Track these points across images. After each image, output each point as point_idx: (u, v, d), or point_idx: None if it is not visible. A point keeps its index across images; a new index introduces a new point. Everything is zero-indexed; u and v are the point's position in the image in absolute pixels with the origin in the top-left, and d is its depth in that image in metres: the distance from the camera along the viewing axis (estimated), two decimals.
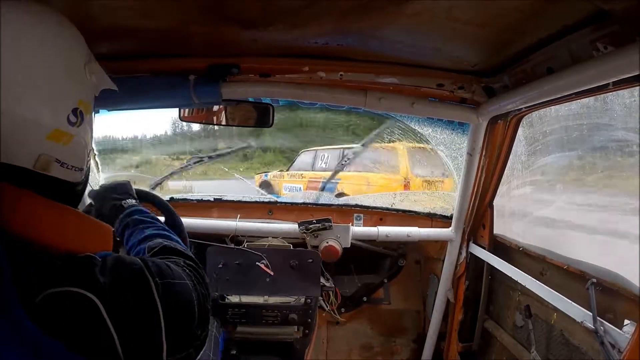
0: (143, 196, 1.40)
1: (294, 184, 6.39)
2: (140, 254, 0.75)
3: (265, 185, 6.89)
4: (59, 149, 0.57)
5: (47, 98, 0.55)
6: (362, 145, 3.92)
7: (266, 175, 7.20)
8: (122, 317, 0.52)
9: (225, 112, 1.37)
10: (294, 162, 7.04)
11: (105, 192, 0.94)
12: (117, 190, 0.94)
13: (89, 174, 0.68)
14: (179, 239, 0.81)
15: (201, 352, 0.66)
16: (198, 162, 2.53)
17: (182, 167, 2.52)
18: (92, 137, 0.65)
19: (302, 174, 6.42)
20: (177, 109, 1.36)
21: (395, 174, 5.33)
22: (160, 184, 2.26)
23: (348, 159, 4.98)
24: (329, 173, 5.51)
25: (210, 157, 2.67)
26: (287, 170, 6.94)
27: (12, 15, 0.54)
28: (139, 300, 0.55)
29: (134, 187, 1.04)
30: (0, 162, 0.52)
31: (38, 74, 0.54)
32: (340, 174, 5.40)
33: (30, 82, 0.53)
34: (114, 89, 0.69)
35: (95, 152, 1.69)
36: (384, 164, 5.55)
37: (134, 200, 0.92)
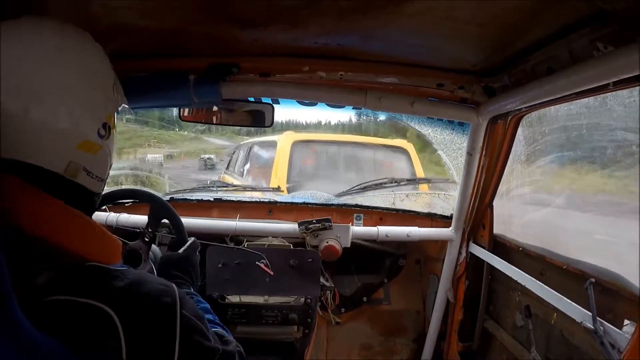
0: (140, 195, 1.41)
1: None
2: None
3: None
4: (88, 159, 0.61)
5: (84, 110, 0.61)
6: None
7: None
8: (137, 339, 0.53)
9: (225, 112, 1.37)
10: (230, 159, 5.07)
11: (184, 261, 1.03)
12: (192, 270, 1.03)
13: (105, 186, 0.71)
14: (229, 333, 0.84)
15: None
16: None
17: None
18: (114, 151, 0.70)
19: (225, 178, 4.57)
20: (177, 109, 1.36)
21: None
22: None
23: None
24: (236, 180, 3.87)
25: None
26: (227, 169, 4.96)
27: (57, 36, 0.61)
28: (158, 328, 0.57)
29: (134, 187, 1.06)
30: (31, 164, 0.56)
31: (79, 88, 0.61)
32: (237, 181, 3.75)
33: (71, 94, 0.59)
34: (127, 106, 0.74)
35: None
36: (261, 170, 3.59)
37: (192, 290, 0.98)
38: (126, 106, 0.76)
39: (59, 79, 0.58)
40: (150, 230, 1.18)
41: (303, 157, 3.16)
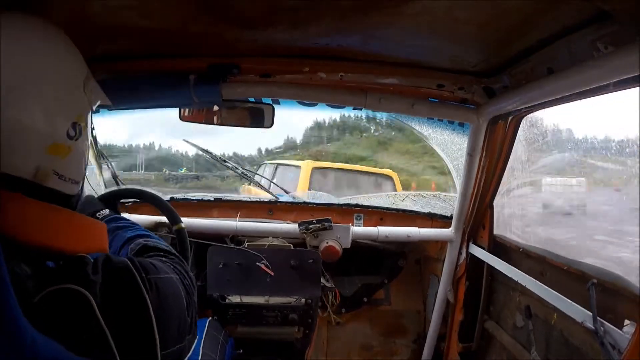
0: (138, 194, 1.41)
1: None
2: (124, 256, 0.76)
3: None
4: (57, 162, 0.58)
5: (49, 111, 0.57)
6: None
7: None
8: (113, 313, 0.53)
9: (225, 113, 1.37)
10: (254, 175, 6.61)
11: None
12: (86, 206, 0.96)
13: (84, 186, 0.69)
14: (159, 239, 0.82)
15: (193, 349, 0.67)
16: None
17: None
18: (88, 151, 0.67)
19: (250, 189, 5.94)
20: (177, 109, 1.36)
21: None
22: None
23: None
24: (264, 192, 5.22)
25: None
26: (249, 184, 6.62)
27: (20, 30, 0.57)
28: (128, 297, 0.56)
29: (142, 188, 1.05)
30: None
31: (42, 88, 0.57)
32: (265, 193, 5.06)
33: (35, 94, 0.55)
34: (108, 104, 0.72)
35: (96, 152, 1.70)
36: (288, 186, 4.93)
37: (107, 210, 0.95)
38: (109, 104, 0.73)
39: (26, 76, 0.55)
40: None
41: (318, 179, 4.68)
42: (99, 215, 0.92)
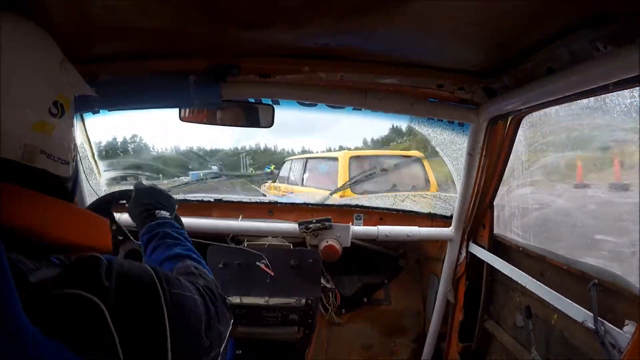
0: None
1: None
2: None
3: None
4: (43, 139, 0.59)
5: (29, 91, 0.59)
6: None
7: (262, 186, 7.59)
8: (126, 323, 0.51)
9: (225, 113, 1.37)
10: (279, 171, 7.06)
11: (149, 191, 0.96)
12: (158, 197, 0.96)
13: (77, 173, 0.69)
14: (207, 268, 0.81)
15: None
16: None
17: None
18: (75, 133, 0.68)
19: (279, 187, 6.53)
20: (176, 109, 1.36)
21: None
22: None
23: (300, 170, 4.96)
24: (296, 187, 5.73)
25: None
26: (274, 181, 7.07)
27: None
28: (145, 308, 0.55)
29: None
30: None
31: (18, 70, 0.58)
32: (298, 187, 5.62)
33: (11, 76, 0.56)
34: (92, 94, 0.72)
35: (95, 153, 1.70)
36: (323, 178, 5.30)
37: (168, 214, 0.93)
38: (93, 94, 0.73)
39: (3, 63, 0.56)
40: None
41: (355, 167, 5.07)
42: (158, 213, 0.90)
